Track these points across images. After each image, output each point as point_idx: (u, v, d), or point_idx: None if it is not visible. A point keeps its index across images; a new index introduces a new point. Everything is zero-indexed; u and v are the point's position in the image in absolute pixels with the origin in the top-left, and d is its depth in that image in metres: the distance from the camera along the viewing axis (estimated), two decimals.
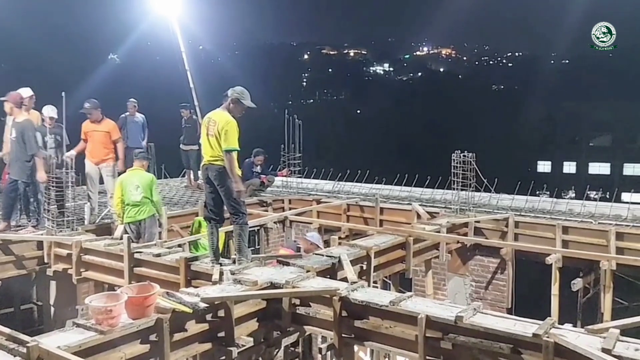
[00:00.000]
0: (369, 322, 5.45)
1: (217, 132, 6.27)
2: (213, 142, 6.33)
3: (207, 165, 6.44)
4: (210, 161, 6.41)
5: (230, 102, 6.43)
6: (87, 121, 9.72)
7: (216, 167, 6.37)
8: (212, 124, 6.35)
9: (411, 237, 8.17)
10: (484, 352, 4.82)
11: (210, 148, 6.37)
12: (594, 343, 4.40)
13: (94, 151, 9.68)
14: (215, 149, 6.33)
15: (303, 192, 12.47)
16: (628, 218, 8.95)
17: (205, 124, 6.45)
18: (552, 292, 8.38)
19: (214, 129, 6.31)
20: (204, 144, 6.48)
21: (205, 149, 6.46)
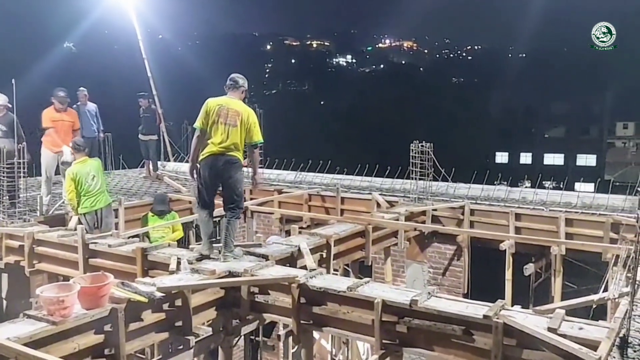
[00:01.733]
0: (327, 308, 5.50)
1: (241, 123, 6.16)
2: (233, 132, 6.14)
3: (217, 155, 6.15)
4: (223, 151, 6.15)
5: (243, 91, 6.37)
6: (51, 109, 9.50)
7: (229, 158, 6.18)
8: (234, 114, 6.16)
9: (370, 226, 8.28)
10: (438, 334, 4.94)
11: (227, 138, 6.13)
12: (540, 323, 4.56)
13: (57, 141, 9.45)
14: (233, 139, 6.14)
15: (264, 182, 12.43)
16: (577, 205, 9.27)
17: (217, 112, 6.10)
18: (506, 277, 8.63)
19: (236, 119, 6.15)
20: (216, 132, 6.12)
21: (219, 137, 6.12)
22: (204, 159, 6.19)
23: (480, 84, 68.85)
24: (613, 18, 36.58)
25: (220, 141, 6.14)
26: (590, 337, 4.30)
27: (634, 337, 4.17)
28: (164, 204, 9.04)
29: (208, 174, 6.23)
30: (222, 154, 6.17)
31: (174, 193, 11.16)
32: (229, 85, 6.34)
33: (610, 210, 8.74)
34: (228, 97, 6.30)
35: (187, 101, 6.24)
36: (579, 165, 49.66)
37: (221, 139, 6.13)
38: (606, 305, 6.48)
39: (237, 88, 6.34)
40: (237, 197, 6.40)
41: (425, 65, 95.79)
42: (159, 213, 8.88)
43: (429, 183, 10.27)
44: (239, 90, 6.35)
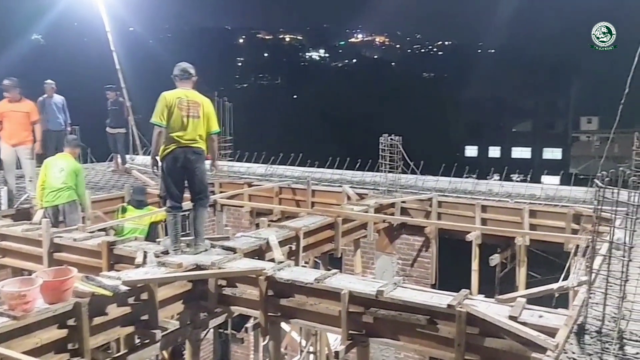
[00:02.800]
0: (295, 300, 5.54)
1: (203, 114, 6.17)
2: (197, 124, 6.13)
3: (185, 148, 6.12)
4: (188, 143, 6.13)
5: (195, 81, 6.31)
6: (4, 101, 9.25)
7: (195, 149, 6.18)
8: (195, 105, 6.14)
9: (340, 218, 8.34)
10: (403, 324, 5.02)
11: (192, 130, 6.12)
12: (502, 311, 4.66)
13: (12, 133, 9.20)
14: (198, 130, 6.15)
15: (234, 175, 12.40)
16: (541, 197, 9.48)
17: (177, 105, 6.05)
18: (473, 267, 8.78)
19: (198, 110, 6.14)
20: (180, 125, 6.06)
21: (183, 130, 6.08)
22: (170, 153, 6.11)
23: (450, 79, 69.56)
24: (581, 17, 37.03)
25: (186, 134, 6.10)
26: (550, 324, 4.42)
27: (591, 324, 4.28)
28: (143, 195, 8.93)
29: (175, 167, 6.16)
30: (189, 146, 6.14)
31: None
32: (180, 75, 6.25)
33: (572, 202, 8.96)
34: (184, 89, 6.23)
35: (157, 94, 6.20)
36: (546, 159, 50.76)
37: (186, 132, 6.10)
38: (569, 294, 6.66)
39: (189, 78, 6.28)
40: (204, 186, 6.45)
41: (396, 60, 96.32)
42: (137, 204, 8.76)
43: (398, 176, 10.39)
44: (191, 80, 6.30)
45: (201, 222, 6.45)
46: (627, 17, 8.21)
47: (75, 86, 23.25)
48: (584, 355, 3.88)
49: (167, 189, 6.28)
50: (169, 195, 6.30)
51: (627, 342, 4.06)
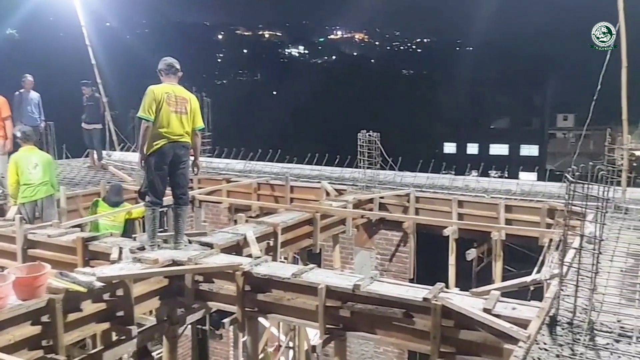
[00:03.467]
0: (272, 295, 5.54)
1: (190, 109, 6.16)
2: (185, 119, 6.13)
3: (174, 143, 6.10)
4: (178, 139, 6.12)
5: (180, 76, 6.28)
6: None
7: (184, 144, 6.20)
8: (182, 101, 6.13)
9: (318, 213, 8.36)
10: (379, 317, 5.06)
11: (181, 126, 6.11)
12: (477, 304, 4.73)
13: None
14: (186, 126, 6.15)
15: (213, 171, 12.34)
16: (517, 192, 9.61)
17: (166, 100, 6.00)
18: (450, 262, 8.87)
19: (185, 105, 6.14)
20: (168, 121, 6.02)
21: (173, 126, 6.04)
22: (159, 149, 6.06)
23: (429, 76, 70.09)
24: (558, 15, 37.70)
25: (175, 130, 6.08)
26: (522, 316, 4.50)
27: (563, 315, 4.37)
28: (119, 195, 8.82)
29: (165, 163, 6.14)
30: (178, 142, 6.14)
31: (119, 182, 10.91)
32: (167, 70, 6.20)
33: (547, 197, 9.09)
34: (171, 84, 6.18)
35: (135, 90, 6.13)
36: (523, 155, 51.45)
37: (175, 128, 6.08)
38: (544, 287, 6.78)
39: (175, 73, 6.24)
40: (187, 182, 6.47)
41: (376, 57, 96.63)
42: (113, 204, 8.67)
43: (376, 172, 10.44)
44: (177, 76, 6.25)
45: (184, 220, 6.43)
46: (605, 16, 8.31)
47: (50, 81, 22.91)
48: (555, 346, 3.96)
49: (151, 185, 6.22)
50: (151, 191, 6.24)
51: (597, 333, 4.15)
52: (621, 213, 7.93)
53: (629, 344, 3.98)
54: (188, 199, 6.59)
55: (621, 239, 6.63)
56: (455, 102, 55.90)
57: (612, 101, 8.52)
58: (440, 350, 4.81)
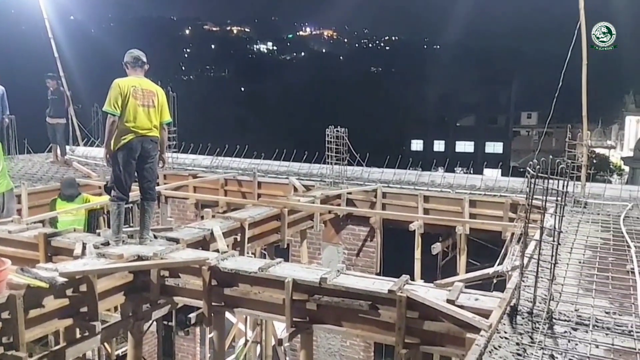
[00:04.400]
0: (239, 289, 5.54)
1: (158, 102, 6.10)
2: (152, 113, 6.07)
3: (142, 137, 6.01)
4: (146, 133, 6.04)
5: (147, 68, 6.20)
6: None
7: (153, 139, 6.14)
8: (149, 94, 6.04)
9: (286, 209, 8.37)
10: (346, 310, 5.11)
11: (148, 120, 6.03)
12: (440, 295, 4.82)
13: None
14: (153, 120, 6.08)
15: (179, 167, 12.21)
16: (481, 188, 9.79)
17: (132, 93, 5.91)
18: (415, 256, 9.00)
19: (153, 99, 6.06)
20: (135, 115, 5.94)
21: (140, 120, 5.97)
22: (126, 144, 5.98)
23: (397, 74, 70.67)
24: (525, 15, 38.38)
25: (143, 124, 6.01)
26: (485, 306, 4.60)
27: (523, 305, 4.49)
28: (73, 187, 8.66)
29: (133, 158, 6.06)
30: (145, 136, 6.06)
31: (83, 178, 10.73)
32: (133, 63, 6.11)
33: (510, 192, 9.29)
34: (137, 77, 6.10)
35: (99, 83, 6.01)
36: (488, 153, 52.41)
37: (143, 122, 6.00)
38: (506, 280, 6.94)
39: (142, 66, 6.16)
40: (155, 177, 6.42)
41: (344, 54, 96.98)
42: (68, 198, 8.50)
43: (344, 168, 10.49)
44: (143, 69, 6.18)
45: (150, 216, 6.37)
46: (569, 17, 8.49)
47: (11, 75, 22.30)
48: (516, 335, 4.07)
49: (117, 180, 6.13)
50: (117, 186, 6.16)
51: (556, 322, 4.28)
52: (580, 207, 8.17)
53: (586, 332, 4.11)
54: (155, 194, 6.53)
55: (580, 232, 6.84)
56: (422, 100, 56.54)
57: (575, 99, 8.74)
58: (405, 341, 4.88)
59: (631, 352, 3.80)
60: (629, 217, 7.59)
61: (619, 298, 4.76)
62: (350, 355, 10.43)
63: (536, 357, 3.74)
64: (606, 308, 4.54)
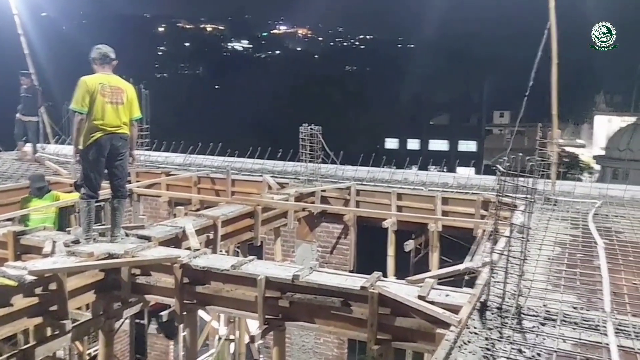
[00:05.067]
0: (211, 287, 5.52)
1: (127, 99, 6.02)
2: (121, 110, 5.99)
3: (111, 135, 5.94)
4: (115, 131, 5.97)
5: (115, 65, 6.11)
6: None
7: (122, 136, 6.07)
8: (118, 91, 5.96)
9: (259, 206, 8.35)
10: (318, 307, 5.13)
11: (117, 117, 5.95)
12: (412, 292, 4.87)
13: None
14: (123, 117, 6.01)
15: (151, 165, 12.07)
16: (453, 185, 9.91)
17: (100, 91, 5.82)
18: (389, 253, 9.05)
19: (122, 96, 5.98)
20: (104, 112, 5.86)
21: (109, 118, 5.89)
22: (95, 142, 5.90)
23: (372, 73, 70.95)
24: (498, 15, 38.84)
25: (111, 121, 5.94)
26: (455, 302, 4.66)
27: (493, 301, 4.56)
28: (42, 181, 8.49)
29: (102, 155, 5.99)
30: (114, 133, 5.99)
31: (54, 176, 10.53)
32: (101, 59, 6.03)
33: (482, 189, 9.41)
34: (105, 74, 6.02)
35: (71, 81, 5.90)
36: (461, 151, 53.08)
37: (112, 119, 5.93)
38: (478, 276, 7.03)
39: (110, 62, 6.08)
40: (125, 175, 6.37)
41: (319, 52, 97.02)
42: (37, 192, 8.33)
43: (318, 165, 10.50)
44: (111, 65, 6.10)
45: (121, 214, 6.31)
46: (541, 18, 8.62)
47: None
48: (485, 330, 4.13)
49: (86, 178, 6.05)
50: (86, 184, 6.07)
51: (524, 317, 4.36)
52: (551, 204, 8.32)
53: (554, 327, 4.20)
54: (126, 191, 6.49)
55: (550, 229, 6.98)
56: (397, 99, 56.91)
57: (547, 99, 8.89)
58: (377, 337, 4.93)
59: (597, 346, 3.89)
60: (598, 215, 7.76)
61: (587, 293, 4.87)
62: (324, 352, 10.46)
63: (504, 352, 3.80)
64: (574, 303, 4.64)
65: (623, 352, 3.77)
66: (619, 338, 3.96)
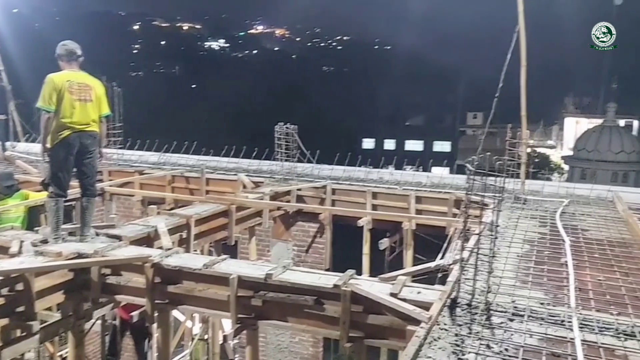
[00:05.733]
0: (183, 287, 5.49)
1: (95, 96, 5.96)
2: (90, 107, 5.93)
3: (80, 133, 5.87)
4: (84, 128, 5.91)
5: (81, 61, 6.03)
6: None
7: (91, 133, 6.00)
8: (86, 88, 5.90)
9: (234, 205, 8.31)
10: (291, 305, 5.13)
11: (85, 114, 5.89)
12: (384, 289, 4.90)
13: None
14: (92, 115, 5.94)
15: (125, 163, 11.93)
16: (427, 185, 10.00)
17: (67, 88, 5.76)
18: (364, 251, 9.09)
19: (90, 93, 5.92)
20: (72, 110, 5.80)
21: (77, 116, 5.83)
22: (63, 140, 5.83)
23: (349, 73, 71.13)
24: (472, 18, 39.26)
25: (80, 119, 5.88)
26: (426, 299, 4.71)
27: (463, 297, 4.61)
28: (10, 179, 8.32)
29: (71, 154, 5.92)
30: (83, 131, 5.93)
31: (23, 174, 10.34)
32: (67, 56, 5.96)
33: (454, 188, 9.51)
34: (72, 71, 5.95)
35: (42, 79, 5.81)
36: (436, 151, 53.65)
37: (80, 117, 5.87)
38: None
39: (77, 59, 6.01)
40: (95, 173, 6.30)
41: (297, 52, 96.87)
42: (6, 191, 8.16)
43: (294, 164, 10.50)
44: (78, 62, 6.03)
45: (91, 213, 6.24)
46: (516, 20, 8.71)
47: None
48: (455, 326, 4.18)
49: (54, 177, 5.97)
50: (54, 182, 5.98)
51: (493, 313, 4.42)
52: (520, 203, 8.45)
53: (521, 322, 4.26)
54: (96, 190, 6.41)
55: (519, 227, 7.08)
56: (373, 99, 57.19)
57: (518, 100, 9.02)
58: (350, 335, 4.95)
59: (563, 340, 3.96)
60: (565, 213, 7.90)
61: (553, 290, 4.96)
62: (299, 351, 10.47)
63: (473, 348, 3.85)
64: (541, 299, 4.71)
65: (587, 347, 3.84)
66: (583, 333, 4.03)
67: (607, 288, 4.97)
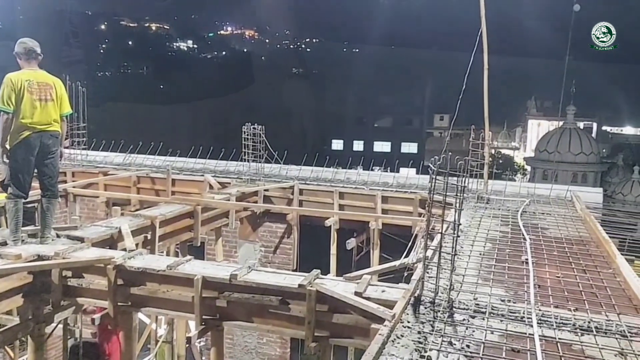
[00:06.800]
0: (146, 288, 5.42)
1: (56, 96, 5.86)
2: (51, 107, 5.83)
3: (40, 133, 5.77)
4: (45, 128, 5.80)
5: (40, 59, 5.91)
6: None
7: (53, 133, 5.91)
8: (46, 87, 5.79)
9: (199, 206, 8.25)
10: (256, 306, 5.11)
11: (46, 114, 5.78)
12: (349, 288, 4.92)
13: None
14: (52, 114, 5.84)
15: (89, 164, 11.71)
16: (393, 185, 10.09)
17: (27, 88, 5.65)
18: (331, 251, 9.12)
19: (50, 92, 5.81)
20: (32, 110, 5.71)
21: (38, 116, 5.73)
22: (23, 140, 5.73)
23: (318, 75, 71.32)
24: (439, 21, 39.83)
25: (41, 119, 5.78)
26: (391, 298, 4.75)
27: (426, 295, 4.66)
28: None
29: (31, 154, 5.81)
30: (46, 131, 5.85)
31: None
32: (26, 55, 5.85)
33: (420, 188, 9.62)
34: (32, 70, 5.85)
35: None
36: (404, 152, 54.36)
37: (41, 117, 5.78)
38: None
39: (36, 58, 5.91)
40: (57, 174, 6.19)
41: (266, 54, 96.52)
42: None
43: (261, 165, 10.47)
44: (37, 60, 5.93)
45: (52, 215, 6.14)
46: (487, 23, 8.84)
47: None
48: (418, 324, 4.22)
49: (14, 177, 5.83)
50: (14, 183, 5.85)
51: (456, 310, 4.48)
52: (483, 203, 8.59)
53: (483, 319, 4.33)
54: (57, 191, 6.28)
55: (482, 226, 7.20)
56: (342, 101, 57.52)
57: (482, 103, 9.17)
58: (315, 335, 4.96)
59: (522, 336, 4.04)
60: (526, 212, 8.07)
61: (514, 287, 5.05)
62: (266, 352, 10.43)
63: (435, 344, 3.89)
64: (502, 296, 4.80)
65: (545, 342, 3.93)
66: (542, 328, 4.12)
67: (565, 285, 5.09)
